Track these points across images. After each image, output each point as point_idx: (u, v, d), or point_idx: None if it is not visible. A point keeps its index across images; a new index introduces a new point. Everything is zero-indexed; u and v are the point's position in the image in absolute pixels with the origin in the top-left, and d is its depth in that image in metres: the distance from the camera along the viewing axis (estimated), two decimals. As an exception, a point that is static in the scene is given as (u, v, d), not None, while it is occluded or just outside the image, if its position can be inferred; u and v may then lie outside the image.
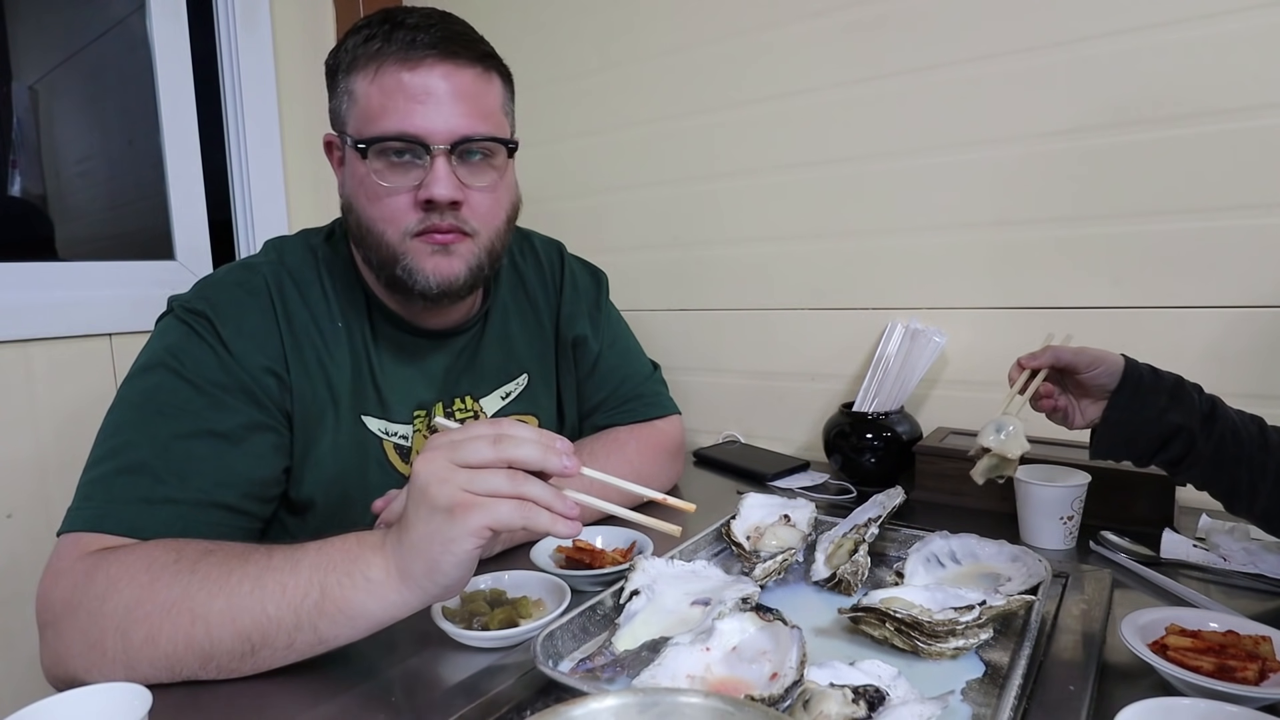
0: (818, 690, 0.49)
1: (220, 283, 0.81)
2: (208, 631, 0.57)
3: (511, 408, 0.97)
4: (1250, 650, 0.55)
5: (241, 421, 0.74)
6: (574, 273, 1.07)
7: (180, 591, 0.58)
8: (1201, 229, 0.96)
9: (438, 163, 0.75)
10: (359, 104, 0.76)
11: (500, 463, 0.54)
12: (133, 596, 0.58)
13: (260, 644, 0.57)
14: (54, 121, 1.43)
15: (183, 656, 0.57)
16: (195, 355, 0.74)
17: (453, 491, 0.53)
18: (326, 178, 1.68)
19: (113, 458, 0.68)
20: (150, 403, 0.71)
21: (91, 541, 0.64)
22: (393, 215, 0.77)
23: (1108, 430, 0.74)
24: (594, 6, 1.46)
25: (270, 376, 0.77)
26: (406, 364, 0.88)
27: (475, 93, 0.77)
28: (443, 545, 0.53)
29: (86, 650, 0.59)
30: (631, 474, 0.96)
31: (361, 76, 0.76)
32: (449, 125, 0.75)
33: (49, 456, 1.22)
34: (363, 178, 0.76)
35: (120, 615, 0.58)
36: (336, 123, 0.81)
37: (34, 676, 1.18)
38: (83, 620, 0.60)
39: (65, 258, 1.36)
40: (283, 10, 1.56)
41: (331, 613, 0.56)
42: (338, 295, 0.85)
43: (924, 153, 1.14)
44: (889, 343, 1.13)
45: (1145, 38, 0.96)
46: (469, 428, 0.56)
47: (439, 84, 0.74)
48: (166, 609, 0.57)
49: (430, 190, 0.75)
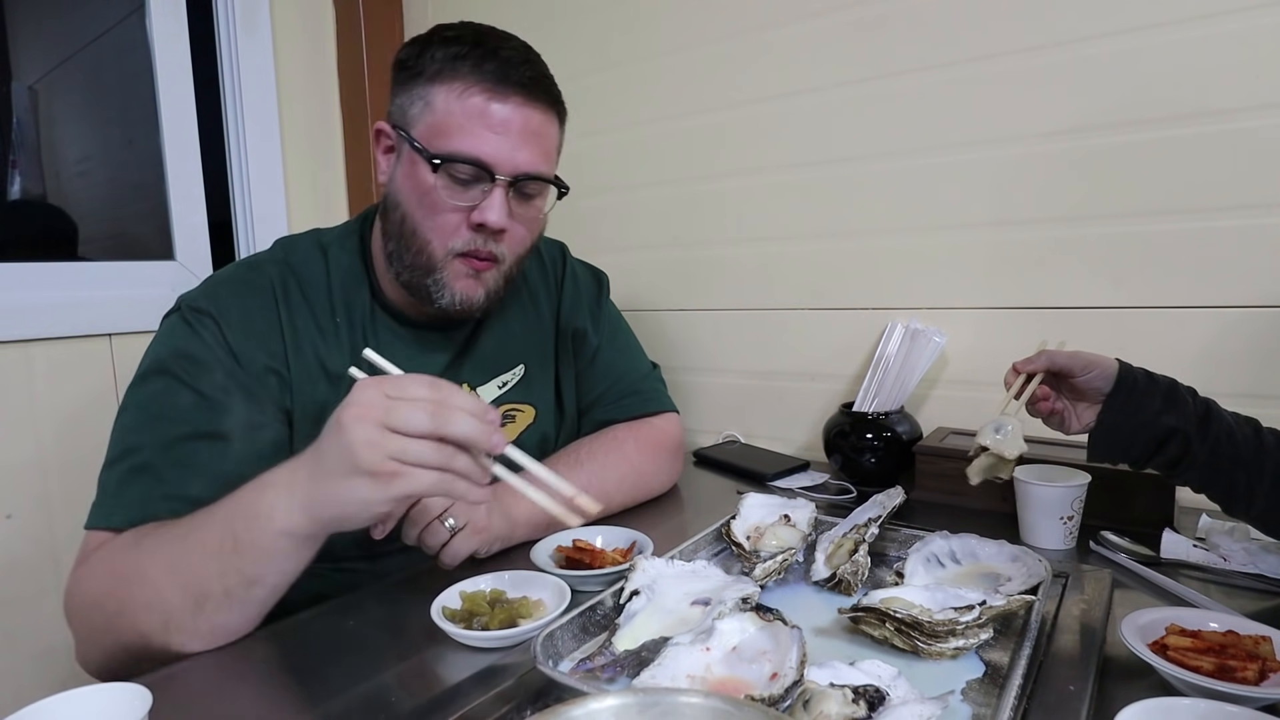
0: (818, 690, 0.49)
1: (226, 281, 0.84)
2: (158, 593, 0.62)
3: (508, 397, 0.98)
4: (1250, 650, 0.55)
5: (241, 422, 0.77)
6: (575, 272, 1.09)
7: (132, 562, 0.65)
8: (1201, 229, 0.95)
9: (496, 192, 0.79)
10: (436, 115, 0.79)
11: (434, 435, 0.56)
12: (106, 572, 0.66)
13: (202, 596, 0.62)
14: (54, 121, 1.43)
15: (146, 620, 0.63)
16: (197, 357, 0.77)
17: (380, 459, 0.55)
18: (326, 178, 1.70)
19: (123, 459, 0.73)
20: (155, 406, 0.75)
21: (102, 540, 0.70)
22: (443, 230, 0.81)
23: (1103, 434, 0.74)
24: (593, 6, 1.46)
25: (271, 375, 0.80)
26: (406, 356, 0.89)
27: (543, 134, 0.82)
28: (360, 504, 0.57)
29: (89, 630, 0.66)
30: (630, 472, 0.98)
31: (445, 90, 0.78)
32: (515, 160, 0.79)
33: (49, 457, 1.22)
34: (427, 188, 0.79)
35: (98, 592, 0.66)
36: (400, 118, 0.82)
37: (35, 676, 1.19)
38: (81, 606, 0.67)
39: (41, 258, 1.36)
40: (283, 10, 1.56)
41: (247, 553, 0.61)
42: (343, 292, 0.87)
43: (924, 153, 1.14)
44: (889, 343, 1.13)
45: (1145, 38, 0.96)
46: (406, 383, 0.58)
47: (517, 120, 0.79)
48: (125, 578, 0.65)
49: (485, 215, 0.79)
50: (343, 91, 1.69)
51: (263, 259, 0.87)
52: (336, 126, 1.69)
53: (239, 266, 0.87)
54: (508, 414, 0.98)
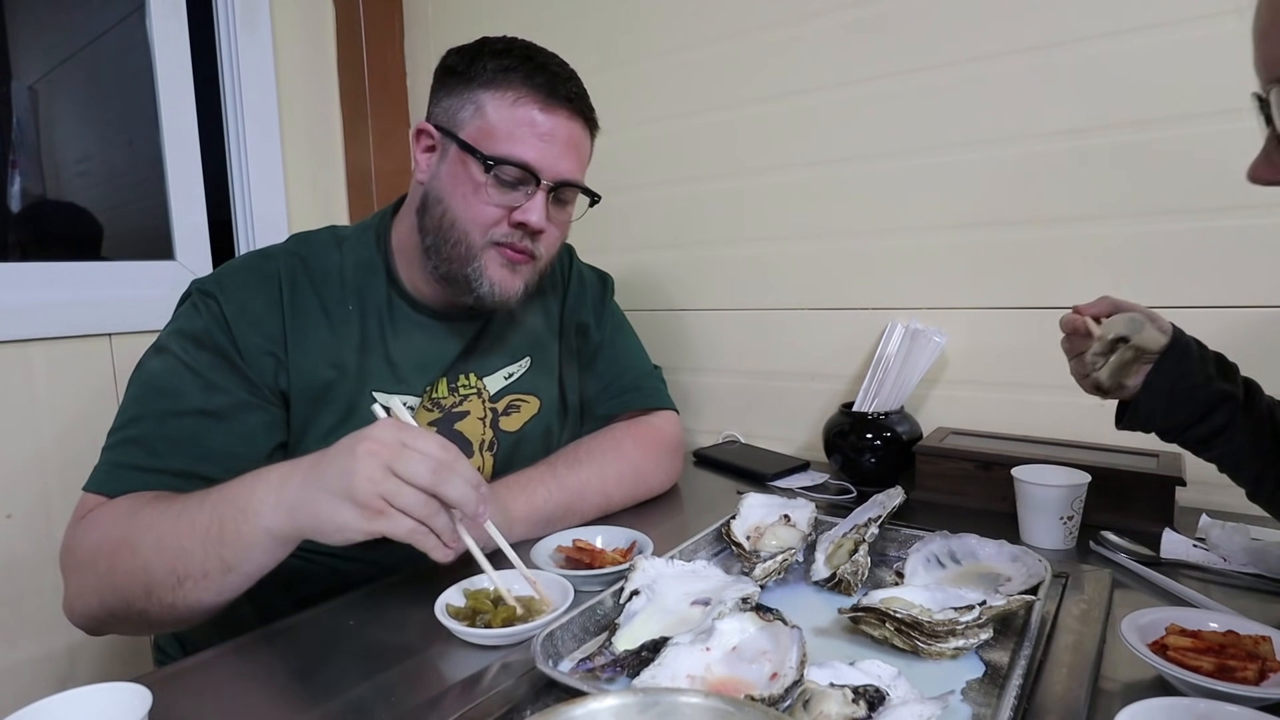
0: (818, 690, 0.49)
1: (235, 266, 0.89)
2: (145, 564, 0.67)
3: (514, 387, 1.00)
4: (1250, 650, 0.55)
5: (232, 401, 0.80)
6: (581, 273, 1.12)
7: (125, 532, 0.69)
8: (1201, 229, 0.96)
9: (539, 195, 0.85)
10: (488, 120, 0.84)
11: (429, 490, 0.61)
12: (100, 536, 0.71)
13: (183, 574, 0.66)
14: (54, 121, 1.43)
15: (130, 586, 0.68)
16: (198, 338, 0.81)
17: (372, 494, 0.60)
18: (326, 178, 1.70)
19: (122, 429, 0.78)
20: (154, 382, 0.80)
21: (96, 503, 0.75)
22: (484, 222, 0.85)
23: (1149, 394, 0.70)
24: (594, 6, 1.46)
25: (267, 357, 0.83)
26: (419, 342, 0.92)
27: (581, 146, 0.89)
28: (337, 527, 0.61)
29: (79, 586, 0.71)
30: (630, 471, 0.98)
31: (498, 98, 0.84)
32: (557, 168, 0.85)
33: (49, 456, 1.22)
34: (476, 185, 0.84)
35: (91, 552, 0.71)
36: (446, 120, 0.86)
37: (35, 675, 1.19)
38: (75, 563, 0.72)
39: (66, 258, 1.37)
40: (283, 10, 1.56)
41: (230, 542, 0.65)
42: (355, 279, 0.90)
43: (924, 152, 1.14)
44: (889, 343, 1.13)
45: (1145, 38, 0.96)
46: (423, 439, 0.63)
47: (562, 132, 0.85)
48: (117, 545, 0.69)
49: (527, 216, 0.85)
50: (343, 91, 1.69)
51: (275, 250, 0.91)
52: (336, 126, 1.69)
53: (251, 255, 0.91)
54: (513, 404, 0.99)
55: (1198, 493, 0.89)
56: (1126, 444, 0.98)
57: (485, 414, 0.97)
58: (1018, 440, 1.05)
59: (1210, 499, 0.91)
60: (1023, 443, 1.03)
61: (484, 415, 0.97)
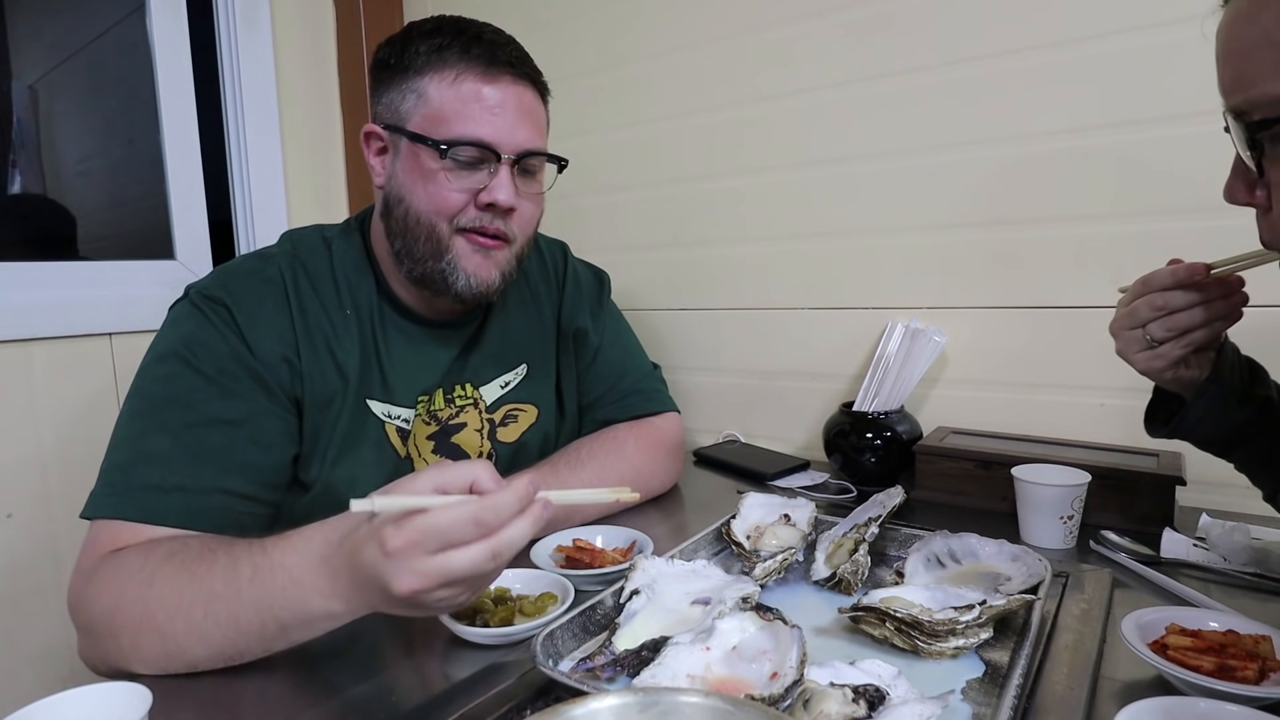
0: (818, 690, 0.49)
1: (237, 271, 0.84)
2: (181, 649, 0.60)
3: (511, 396, 0.98)
4: (1250, 650, 0.55)
5: (252, 409, 0.77)
6: (577, 271, 1.10)
7: (144, 610, 0.61)
8: (1201, 229, 0.95)
9: (503, 171, 0.80)
10: (431, 105, 0.80)
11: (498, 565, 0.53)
12: (111, 604, 0.63)
13: (235, 656, 0.60)
14: (54, 121, 1.43)
15: (164, 663, 0.61)
16: (209, 344, 0.77)
17: (421, 604, 0.53)
18: (326, 177, 1.70)
19: (131, 445, 0.72)
20: (165, 391, 0.75)
21: (112, 532, 0.68)
22: (449, 209, 0.81)
23: (1203, 401, 0.68)
24: (594, 6, 1.46)
25: (283, 364, 0.80)
26: (412, 351, 0.90)
27: (535, 110, 0.84)
28: (397, 612, 0.56)
29: (101, 653, 0.64)
30: (631, 471, 0.98)
31: (437, 80, 0.80)
32: (515, 139, 0.81)
33: (49, 456, 1.22)
34: (433, 173, 0.80)
35: (106, 623, 0.63)
36: (391, 116, 0.83)
37: (35, 674, 1.19)
38: (88, 621, 0.65)
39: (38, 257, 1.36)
40: (283, 10, 1.56)
41: (296, 633, 0.59)
42: (349, 284, 0.88)
43: (924, 152, 1.14)
44: (889, 342, 1.13)
45: (1145, 38, 0.96)
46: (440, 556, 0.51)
47: (511, 100, 0.81)
48: (139, 624, 0.61)
49: (494, 195, 0.80)
50: (343, 91, 1.69)
51: (271, 251, 0.88)
52: (336, 126, 1.69)
53: (249, 258, 0.87)
54: (510, 414, 0.98)
55: (1198, 492, 0.89)
56: (1126, 444, 0.98)
57: (482, 425, 0.95)
58: (1018, 440, 1.05)
59: (1210, 499, 0.91)
60: (1023, 442, 1.03)
61: (481, 427, 0.95)
